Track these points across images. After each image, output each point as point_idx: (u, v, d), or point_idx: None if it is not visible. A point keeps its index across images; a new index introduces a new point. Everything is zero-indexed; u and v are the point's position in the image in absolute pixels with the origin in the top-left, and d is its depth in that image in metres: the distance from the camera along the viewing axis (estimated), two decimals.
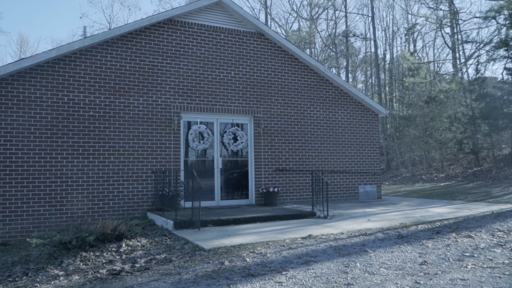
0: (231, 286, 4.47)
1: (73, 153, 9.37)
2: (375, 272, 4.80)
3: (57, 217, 9.10)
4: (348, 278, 4.62)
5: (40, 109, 9.14)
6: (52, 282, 5.40)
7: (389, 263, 5.18)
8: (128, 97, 10.02)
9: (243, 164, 11.49)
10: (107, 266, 5.98)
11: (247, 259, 5.51)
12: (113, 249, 6.81)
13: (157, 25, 10.51)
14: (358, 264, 5.16)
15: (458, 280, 4.41)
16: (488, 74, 36.01)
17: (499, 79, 22.74)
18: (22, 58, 9.02)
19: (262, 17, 35.69)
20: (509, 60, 18.44)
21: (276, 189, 10.95)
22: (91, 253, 6.65)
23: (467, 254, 5.51)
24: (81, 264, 6.21)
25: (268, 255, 5.72)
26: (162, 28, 10.57)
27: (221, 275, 4.88)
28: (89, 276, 5.47)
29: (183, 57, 10.76)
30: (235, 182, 11.39)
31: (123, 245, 6.97)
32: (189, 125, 10.85)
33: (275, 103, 11.86)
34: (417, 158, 26.21)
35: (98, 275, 5.45)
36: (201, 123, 10.97)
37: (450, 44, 27.08)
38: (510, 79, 18.85)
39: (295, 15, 36.95)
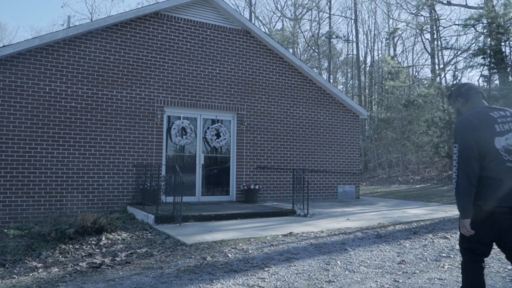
0: (214, 281, 4.50)
1: (53, 144, 9.22)
2: (355, 270, 4.91)
3: (34, 209, 8.94)
4: (329, 275, 4.71)
5: (21, 98, 8.95)
6: (31, 274, 5.32)
7: (368, 261, 5.31)
8: (111, 89, 9.90)
9: (225, 161, 11.51)
10: (87, 259, 5.92)
11: (229, 255, 5.55)
12: (93, 242, 6.75)
13: (143, 18, 10.41)
14: (338, 262, 5.26)
15: (435, 279, 4.56)
16: (464, 80, 36.85)
17: None
18: (3, 46, 8.83)
19: (246, 15, 35.66)
20: (486, 67, 18.96)
21: (257, 187, 11.01)
22: (71, 245, 6.57)
23: (444, 254, 5.68)
24: (60, 256, 6.14)
25: (250, 251, 5.77)
26: (148, 21, 10.48)
27: (204, 270, 4.91)
28: (69, 269, 5.41)
29: (169, 52, 10.69)
30: (217, 178, 11.40)
31: (103, 238, 6.91)
32: (172, 120, 10.80)
33: (258, 101, 11.90)
34: (394, 160, 26.69)
35: (78, 268, 5.40)
36: (184, 118, 10.93)
37: (429, 49, 27.67)
38: (486, 86, 19.39)
39: (279, 14, 37.09)
